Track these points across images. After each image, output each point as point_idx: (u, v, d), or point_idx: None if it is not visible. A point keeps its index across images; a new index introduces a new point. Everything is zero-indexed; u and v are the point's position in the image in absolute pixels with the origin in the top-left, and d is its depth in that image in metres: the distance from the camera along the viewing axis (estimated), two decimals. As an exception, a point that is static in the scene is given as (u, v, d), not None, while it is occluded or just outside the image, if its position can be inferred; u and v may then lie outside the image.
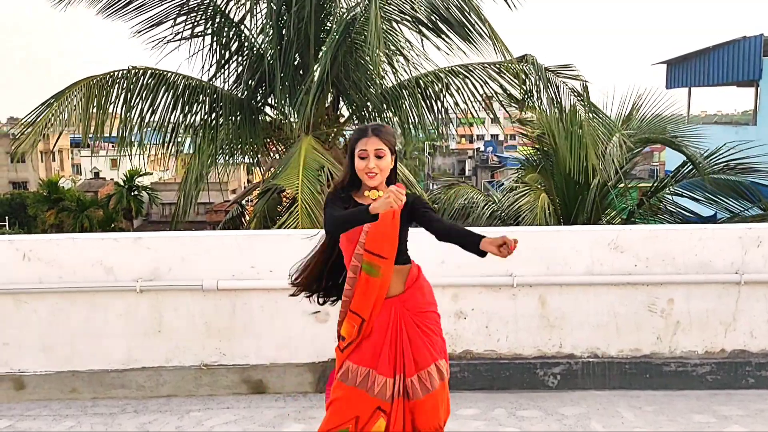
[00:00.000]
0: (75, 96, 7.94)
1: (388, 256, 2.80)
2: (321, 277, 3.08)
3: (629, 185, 10.67)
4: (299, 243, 4.30)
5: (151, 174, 45.38)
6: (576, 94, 8.67)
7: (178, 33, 8.76)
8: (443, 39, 8.62)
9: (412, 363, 2.82)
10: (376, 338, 2.84)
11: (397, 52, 9.00)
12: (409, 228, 2.90)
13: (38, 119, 7.69)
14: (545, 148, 10.76)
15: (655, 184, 10.44)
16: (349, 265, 2.85)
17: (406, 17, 8.81)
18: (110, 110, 8.25)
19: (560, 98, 8.55)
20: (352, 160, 2.84)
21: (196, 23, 8.85)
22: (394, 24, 8.90)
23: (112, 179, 48.60)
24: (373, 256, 2.79)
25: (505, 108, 9.21)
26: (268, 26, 8.85)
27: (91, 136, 8.16)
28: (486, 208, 11.30)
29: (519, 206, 10.63)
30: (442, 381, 2.87)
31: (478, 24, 8.25)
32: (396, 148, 2.85)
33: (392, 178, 2.89)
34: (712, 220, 9.81)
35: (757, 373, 4.34)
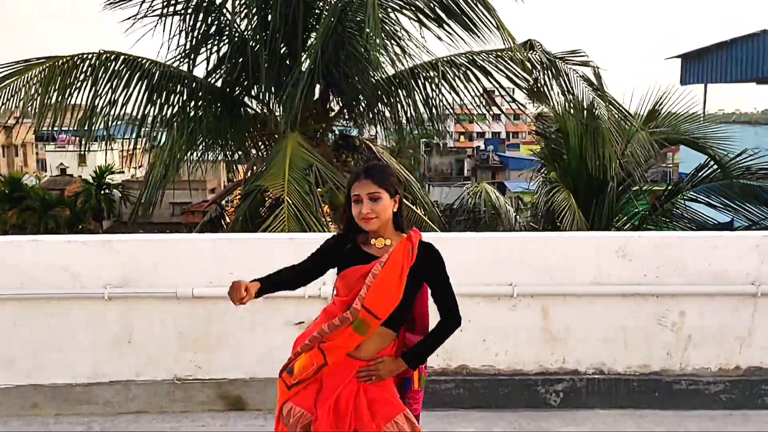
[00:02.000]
0: (36, 76, 7.72)
1: (382, 317, 2.77)
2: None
3: (643, 188, 10.73)
4: (282, 247, 4.33)
5: (123, 171, 45.23)
6: (588, 82, 8.66)
7: (153, 11, 8.64)
8: (443, 28, 8.63)
9: (370, 422, 2.76)
10: (325, 394, 2.82)
11: (393, 42, 9.01)
12: (418, 290, 2.87)
13: None
14: (553, 146, 10.79)
15: (669, 188, 10.50)
16: (337, 311, 2.80)
17: (403, 4, 8.82)
18: (78, 99, 8.13)
19: (571, 88, 8.54)
20: (349, 204, 2.82)
21: (173, 3, 8.78)
22: (390, 12, 8.91)
23: (80, 176, 48.37)
24: (368, 314, 2.75)
25: (513, 98, 9.16)
26: (251, 11, 8.84)
27: (53, 129, 8.03)
28: (512, 211, 11.32)
29: (556, 203, 10.51)
30: (414, 430, 2.80)
31: (481, 11, 8.26)
32: (397, 190, 2.81)
33: (400, 221, 2.85)
34: (728, 227, 9.88)
35: (774, 392, 4.37)
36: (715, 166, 9.70)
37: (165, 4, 8.64)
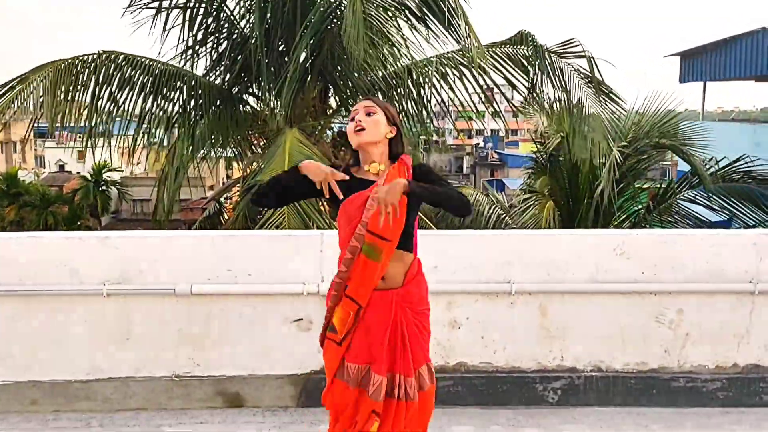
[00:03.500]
0: (42, 80, 7.84)
1: (392, 239, 2.80)
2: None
3: (642, 186, 10.76)
4: (280, 244, 4.33)
5: (122, 170, 45.12)
6: (582, 75, 8.60)
7: (154, 7, 8.66)
8: (428, 27, 8.61)
9: (410, 362, 2.87)
10: (375, 334, 2.87)
11: (387, 40, 8.99)
12: (418, 207, 2.91)
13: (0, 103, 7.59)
14: (552, 152, 10.83)
15: (663, 187, 10.52)
16: (347, 245, 2.83)
17: (393, 3, 8.80)
18: (79, 98, 8.18)
19: (565, 82, 8.49)
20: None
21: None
22: (382, 11, 8.89)
23: (78, 173, 48.30)
24: (375, 238, 2.78)
25: (513, 92, 9.14)
26: (251, 8, 8.84)
27: (57, 126, 8.08)
28: (492, 211, 11.41)
29: (524, 220, 10.75)
30: (432, 383, 2.96)
31: (453, 10, 8.16)
32: (395, 121, 2.91)
33: (397, 152, 2.91)
34: (725, 226, 9.90)
35: (771, 389, 4.38)
36: (712, 169, 9.72)
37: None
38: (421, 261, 3.02)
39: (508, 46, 8.54)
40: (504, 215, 11.35)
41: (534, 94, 8.68)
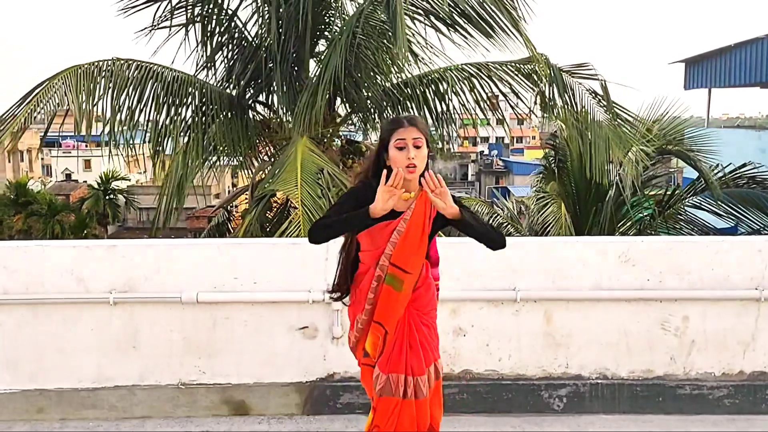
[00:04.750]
0: (61, 85, 7.78)
1: (413, 272, 2.92)
2: (347, 277, 3.13)
3: (647, 194, 10.73)
4: (285, 252, 4.34)
5: (129, 179, 45.34)
6: (594, 94, 8.68)
7: (167, 19, 8.70)
8: (461, 35, 8.65)
9: (421, 362, 2.97)
10: (394, 340, 2.99)
11: (410, 51, 9.01)
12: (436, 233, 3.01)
13: (21, 109, 7.52)
14: (560, 158, 10.83)
15: (669, 193, 10.49)
16: (373, 273, 2.94)
17: (419, 11, 8.84)
18: (93, 104, 8.12)
19: (576, 101, 8.58)
20: (382, 151, 2.90)
21: (186, 8, 8.82)
22: (408, 20, 8.92)
23: (85, 181, 48.51)
24: (397, 270, 2.90)
25: (519, 102, 9.19)
26: (265, 16, 8.88)
27: (64, 135, 8.08)
28: (492, 221, 11.41)
29: (544, 216, 10.70)
30: (438, 380, 3.06)
31: (501, 19, 8.24)
32: (428, 142, 2.93)
33: (424, 173, 2.89)
34: (731, 232, 9.87)
35: (778, 397, 4.36)
36: (719, 175, 9.70)
37: (176, 11, 8.70)
38: (428, 262, 3.08)
39: (524, 63, 8.59)
40: (506, 224, 11.30)
41: (544, 102, 8.73)
